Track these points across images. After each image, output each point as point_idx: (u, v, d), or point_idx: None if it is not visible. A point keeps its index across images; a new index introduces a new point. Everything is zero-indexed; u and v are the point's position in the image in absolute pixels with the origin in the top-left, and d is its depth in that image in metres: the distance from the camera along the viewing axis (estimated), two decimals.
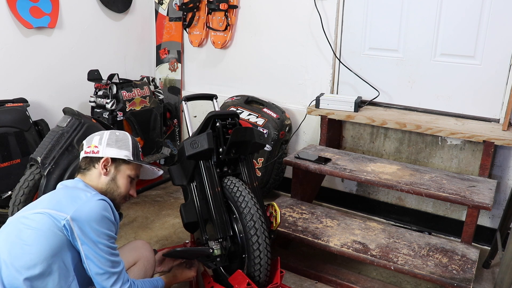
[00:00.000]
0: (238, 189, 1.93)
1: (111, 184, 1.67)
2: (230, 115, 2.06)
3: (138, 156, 1.75)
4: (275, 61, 3.24)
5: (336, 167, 2.57)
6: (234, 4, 3.28)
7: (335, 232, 2.35)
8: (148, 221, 2.88)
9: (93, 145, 1.68)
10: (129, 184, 1.72)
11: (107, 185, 1.67)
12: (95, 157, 1.66)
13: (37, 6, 2.85)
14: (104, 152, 1.67)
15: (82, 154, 1.71)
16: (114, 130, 1.75)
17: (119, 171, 1.69)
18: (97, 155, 1.66)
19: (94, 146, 1.68)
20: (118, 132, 1.74)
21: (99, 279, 1.50)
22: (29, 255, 1.43)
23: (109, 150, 1.67)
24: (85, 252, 1.48)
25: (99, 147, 1.67)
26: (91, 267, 1.49)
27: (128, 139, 1.74)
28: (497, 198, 2.61)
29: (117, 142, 1.70)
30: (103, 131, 1.73)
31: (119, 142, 1.70)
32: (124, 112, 3.07)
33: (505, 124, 2.52)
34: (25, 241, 1.45)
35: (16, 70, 2.85)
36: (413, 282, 2.33)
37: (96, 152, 1.67)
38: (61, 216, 1.45)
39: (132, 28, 3.59)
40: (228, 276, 1.95)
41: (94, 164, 1.66)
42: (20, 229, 1.48)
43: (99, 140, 1.69)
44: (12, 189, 2.34)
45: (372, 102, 2.98)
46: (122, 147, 1.70)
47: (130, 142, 1.73)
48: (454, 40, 2.66)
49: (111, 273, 1.51)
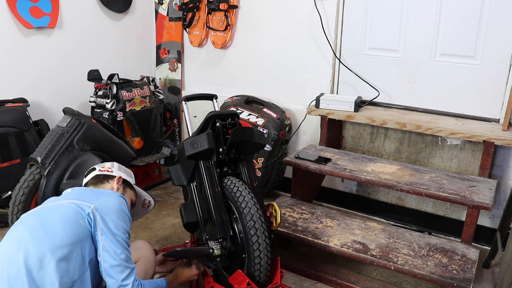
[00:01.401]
0: (238, 189, 1.93)
1: None
2: (230, 115, 2.06)
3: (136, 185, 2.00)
4: (275, 61, 3.24)
5: (336, 167, 2.57)
6: (234, 4, 3.28)
7: (335, 232, 2.35)
8: (148, 221, 2.88)
9: (107, 167, 1.91)
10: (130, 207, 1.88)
11: None
12: (109, 175, 1.87)
13: (37, 6, 2.85)
14: (117, 173, 1.89)
15: (93, 173, 1.88)
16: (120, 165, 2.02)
17: (126, 191, 1.89)
18: (111, 173, 1.88)
19: (107, 167, 1.91)
20: (124, 167, 2.01)
21: (113, 271, 1.53)
22: (55, 237, 1.48)
23: (120, 172, 1.91)
24: (104, 242, 1.54)
25: (112, 169, 1.90)
26: (106, 258, 1.53)
27: (131, 173, 2.00)
28: (497, 198, 2.61)
29: (125, 170, 1.96)
30: (112, 162, 1.99)
31: (126, 171, 1.97)
32: (124, 112, 3.07)
33: (505, 124, 2.52)
34: (51, 225, 1.51)
35: (16, 70, 2.85)
36: (413, 282, 2.33)
37: (110, 171, 1.89)
38: (86, 205, 1.56)
39: (132, 28, 3.59)
40: (228, 276, 1.96)
41: (108, 180, 1.86)
42: (44, 217, 1.55)
43: (111, 165, 1.95)
44: (12, 189, 2.34)
45: (372, 102, 2.98)
46: (128, 175, 1.95)
47: (132, 174, 2.00)
48: (454, 40, 2.66)
49: (125, 266, 1.55)
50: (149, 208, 2.07)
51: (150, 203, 2.07)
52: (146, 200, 2.05)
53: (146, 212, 2.08)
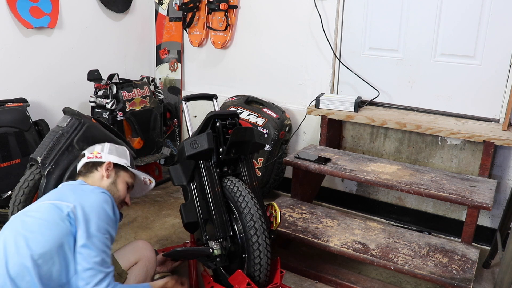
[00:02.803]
0: (238, 189, 1.93)
1: (112, 186, 1.78)
2: (230, 115, 2.06)
3: (133, 165, 1.91)
4: (275, 61, 3.24)
5: (336, 167, 2.57)
6: (234, 4, 3.28)
7: (335, 232, 2.35)
8: (148, 221, 2.88)
9: (96, 151, 1.83)
10: (126, 190, 1.84)
11: (108, 187, 1.76)
12: (98, 161, 1.79)
13: (37, 6, 2.85)
14: (106, 158, 1.81)
15: (83, 161, 1.82)
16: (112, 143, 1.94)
17: (119, 176, 1.81)
18: (99, 159, 1.79)
19: (96, 152, 1.82)
20: (117, 144, 1.93)
21: (85, 275, 1.45)
22: (35, 243, 1.43)
23: (110, 156, 1.82)
24: (79, 243, 1.47)
25: (102, 154, 1.82)
26: (79, 260, 1.46)
27: (126, 151, 1.91)
28: (497, 198, 2.61)
29: (117, 151, 1.87)
30: (104, 143, 1.90)
31: (119, 151, 1.88)
32: (124, 112, 3.07)
33: (505, 124, 2.52)
34: (31, 231, 1.46)
35: (16, 70, 2.85)
36: (413, 282, 2.33)
37: (99, 157, 1.80)
38: (65, 205, 1.51)
39: (132, 28, 3.59)
40: (228, 276, 1.95)
41: (97, 167, 1.78)
42: (24, 221, 1.51)
43: (101, 148, 1.85)
44: (12, 189, 2.34)
45: (372, 102, 2.98)
46: (121, 156, 1.86)
47: (128, 154, 1.91)
48: (454, 40, 2.66)
49: (98, 270, 1.47)
50: (151, 185, 2.01)
51: (150, 181, 2.01)
52: (146, 179, 1.98)
53: (148, 189, 2.03)
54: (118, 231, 2.67)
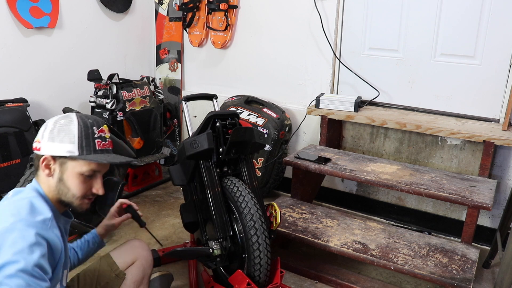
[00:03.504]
0: (238, 189, 1.93)
1: (60, 185, 1.38)
2: (230, 115, 2.06)
3: (90, 146, 1.38)
4: (275, 61, 3.24)
5: (336, 167, 2.57)
6: (234, 4, 3.28)
7: (335, 232, 2.35)
8: (148, 221, 2.88)
9: (37, 139, 1.39)
10: (84, 183, 1.39)
11: (56, 187, 1.38)
12: (38, 154, 1.38)
13: (37, 6, 2.85)
14: (45, 149, 1.36)
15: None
16: (62, 118, 1.39)
17: (65, 169, 1.37)
18: (39, 152, 1.37)
19: (37, 141, 1.39)
20: (63, 119, 1.39)
21: None
22: None
23: (50, 145, 1.36)
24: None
25: (41, 142, 1.38)
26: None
27: (72, 127, 1.37)
28: (497, 198, 2.61)
29: (58, 133, 1.36)
30: (51, 119, 1.41)
31: (61, 133, 1.36)
32: (124, 112, 3.07)
33: (505, 124, 2.52)
34: None
35: (16, 70, 2.85)
36: (413, 282, 2.33)
37: (38, 149, 1.38)
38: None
39: (132, 28, 3.59)
40: (228, 276, 1.95)
41: (39, 164, 1.39)
42: None
43: (42, 132, 1.39)
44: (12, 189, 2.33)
45: (372, 102, 2.98)
46: (64, 140, 1.36)
47: (76, 131, 1.36)
48: (454, 40, 2.66)
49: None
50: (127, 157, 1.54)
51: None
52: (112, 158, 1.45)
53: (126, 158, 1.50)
54: (118, 231, 2.69)
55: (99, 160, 1.38)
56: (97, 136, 1.40)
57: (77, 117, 1.39)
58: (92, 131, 1.39)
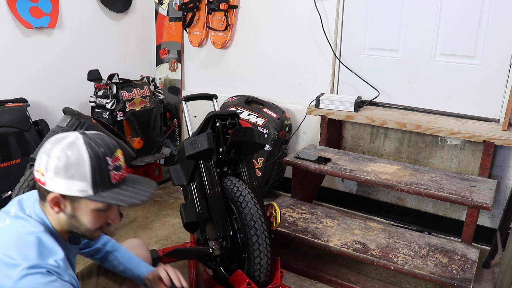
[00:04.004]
0: (238, 189, 1.93)
1: (72, 221, 1.22)
2: (230, 115, 2.06)
3: (105, 182, 1.18)
4: (275, 61, 3.24)
5: (336, 167, 2.57)
6: (234, 4, 3.28)
7: (335, 232, 2.35)
8: (148, 221, 2.88)
9: (40, 170, 1.17)
10: (99, 217, 1.24)
11: (67, 222, 1.23)
12: (43, 188, 1.18)
13: (37, 6, 2.85)
14: (51, 184, 1.15)
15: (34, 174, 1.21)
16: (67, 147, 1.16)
17: (78, 207, 1.20)
18: (44, 186, 1.17)
19: (41, 173, 1.17)
20: (70, 151, 1.14)
21: None
22: None
23: (57, 181, 1.15)
24: None
25: (46, 176, 1.15)
26: None
27: (84, 162, 1.14)
28: (497, 198, 2.61)
29: (67, 169, 1.14)
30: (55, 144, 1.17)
31: (70, 169, 1.14)
32: (124, 112, 3.07)
33: (505, 124, 2.52)
34: None
35: (16, 70, 2.85)
36: (413, 282, 2.33)
37: (43, 183, 1.16)
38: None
39: (132, 28, 3.59)
40: (228, 276, 1.96)
41: (45, 197, 1.19)
42: None
43: (45, 163, 1.15)
44: (12, 189, 2.34)
45: (372, 102, 2.98)
46: (75, 177, 1.14)
47: (87, 166, 1.15)
48: (454, 40, 2.66)
49: None
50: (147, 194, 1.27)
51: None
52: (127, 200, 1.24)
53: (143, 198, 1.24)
54: (118, 231, 2.69)
55: (118, 202, 1.20)
56: (111, 168, 1.19)
57: (86, 147, 1.16)
58: (106, 162, 1.18)
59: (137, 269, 1.62)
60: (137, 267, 1.63)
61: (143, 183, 1.30)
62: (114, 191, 1.20)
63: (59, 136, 1.20)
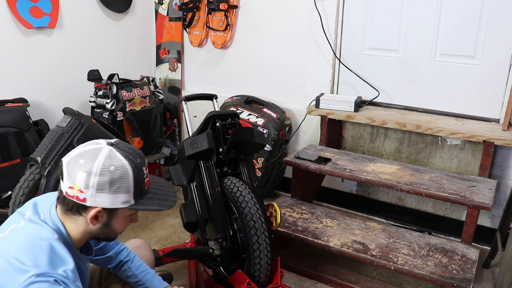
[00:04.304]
0: (238, 189, 1.93)
1: (104, 229, 1.27)
2: (230, 115, 2.06)
3: (142, 190, 1.25)
4: (275, 61, 3.24)
5: (336, 167, 2.57)
6: (234, 4, 3.28)
7: (335, 232, 2.35)
8: (148, 221, 2.88)
9: (77, 187, 1.17)
10: (128, 221, 1.32)
11: (98, 231, 1.27)
12: (81, 204, 1.19)
13: (37, 6, 2.85)
14: (93, 201, 1.18)
15: (62, 187, 1.21)
16: (108, 162, 1.18)
17: (116, 216, 1.25)
18: (83, 203, 1.18)
19: (78, 190, 1.17)
20: (113, 166, 1.18)
21: None
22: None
23: (101, 197, 1.18)
24: None
25: (86, 193, 1.17)
26: None
27: (128, 176, 1.19)
28: (497, 198, 2.61)
29: (112, 184, 1.17)
30: (92, 159, 1.17)
31: (115, 184, 1.18)
32: (124, 112, 3.06)
33: (505, 124, 2.52)
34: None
35: (16, 70, 2.85)
36: (413, 282, 2.33)
37: (83, 200, 1.18)
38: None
39: (132, 28, 3.59)
40: (228, 276, 1.96)
41: (80, 212, 1.21)
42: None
43: (85, 180, 1.16)
44: (12, 189, 2.34)
45: (372, 102, 2.98)
46: (119, 191, 1.19)
47: (131, 180, 1.20)
48: (454, 40, 2.66)
49: None
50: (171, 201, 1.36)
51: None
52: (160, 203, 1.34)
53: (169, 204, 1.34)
54: None
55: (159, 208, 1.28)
56: (145, 176, 1.26)
57: (127, 159, 1.20)
58: (143, 172, 1.24)
59: (150, 283, 1.62)
60: (151, 280, 1.63)
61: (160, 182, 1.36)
62: (148, 197, 1.27)
63: (87, 150, 1.20)
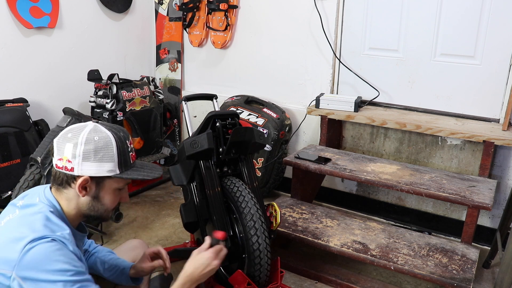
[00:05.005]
0: (238, 189, 1.93)
1: (93, 203, 1.34)
2: (230, 115, 2.05)
3: (127, 162, 1.35)
4: (275, 61, 3.24)
5: (336, 167, 2.57)
6: (234, 4, 3.28)
7: (335, 232, 2.35)
8: (148, 221, 2.88)
9: (66, 157, 1.27)
10: (117, 196, 1.40)
11: (88, 204, 1.34)
12: (70, 175, 1.28)
13: (37, 6, 2.85)
14: (80, 169, 1.27)
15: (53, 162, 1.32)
16: (92, 133, 1.30)
17: (103, 187, 1.33)
18: (71, 173, 1.27)
19: (66, 159, 1.27)
20: (97, 136, 1.29)
21: None
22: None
23: (87, 166, 1.27)
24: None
25: (73, 162, 1.27)
26: None
27: (112, 145, 1.30)
28: (497, 198, 2.61)
29: (96, 153, 1.27)
30: (78, 132, 1.29)
31: (99, 152, 1.28)
32: (124, 112, 3.07)
33: (505, 124, 2.52)
34: None
35: (16, 70, 2.85)
36: (413, 282, 2.33)
37: (70, 170, 1.27)
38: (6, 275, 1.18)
39: (132, 28, 3.59)
40: (228, 276, 1.95)
41: (70, 183, 1.29)
42: None
43: (72, 150, 1.27)
44: (12, 189, 2.34)
45: (372, 102, 2.98)
46: (104, 159, 1.29)
47: (115, 148, 1.30)
48: (454, 40, 2.66)
49: None
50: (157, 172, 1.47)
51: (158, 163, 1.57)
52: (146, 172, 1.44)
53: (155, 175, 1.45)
54: (118, 231, 2.69)
55: (144, 177, 1.38)
56: (130, 149, 1.37)
57: (110, 131, 1.32)
58: (127, 145, 1.35)
59: (122, 262, 1.65)
60: (122, 261, 1.66)
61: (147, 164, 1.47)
62: (133, 170, 1.38)
63: (74, 126, 1.33)
